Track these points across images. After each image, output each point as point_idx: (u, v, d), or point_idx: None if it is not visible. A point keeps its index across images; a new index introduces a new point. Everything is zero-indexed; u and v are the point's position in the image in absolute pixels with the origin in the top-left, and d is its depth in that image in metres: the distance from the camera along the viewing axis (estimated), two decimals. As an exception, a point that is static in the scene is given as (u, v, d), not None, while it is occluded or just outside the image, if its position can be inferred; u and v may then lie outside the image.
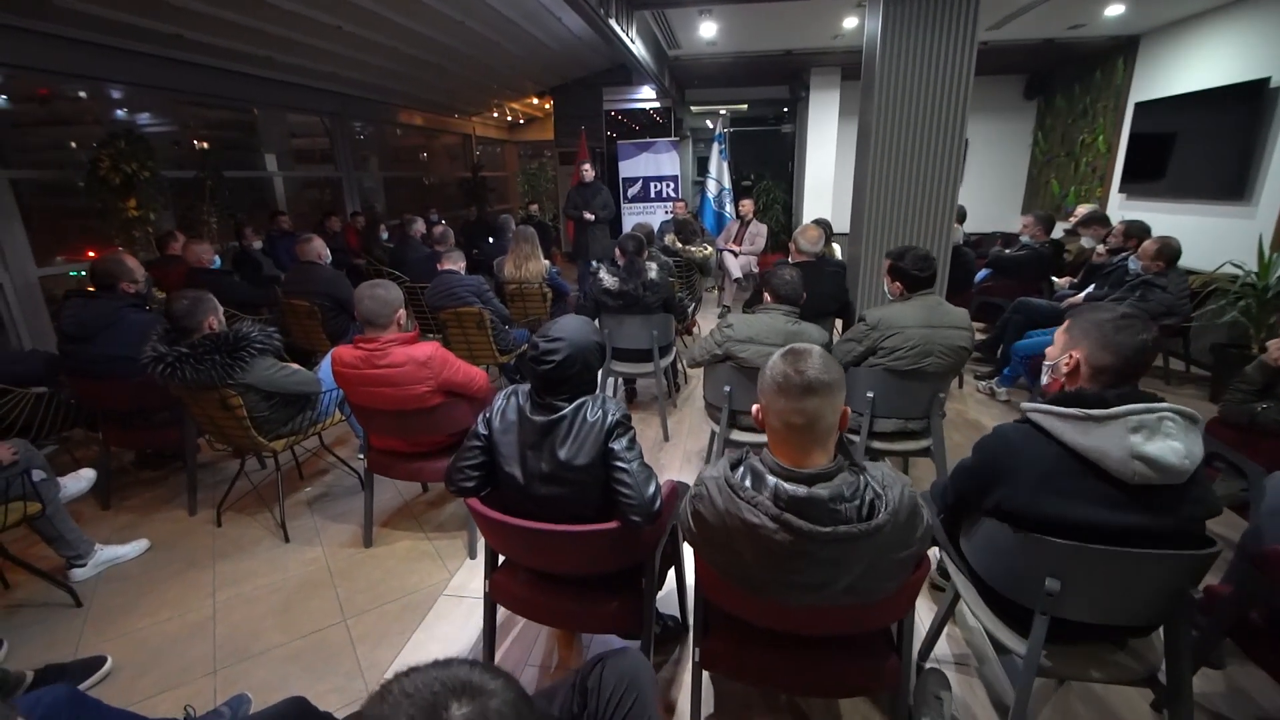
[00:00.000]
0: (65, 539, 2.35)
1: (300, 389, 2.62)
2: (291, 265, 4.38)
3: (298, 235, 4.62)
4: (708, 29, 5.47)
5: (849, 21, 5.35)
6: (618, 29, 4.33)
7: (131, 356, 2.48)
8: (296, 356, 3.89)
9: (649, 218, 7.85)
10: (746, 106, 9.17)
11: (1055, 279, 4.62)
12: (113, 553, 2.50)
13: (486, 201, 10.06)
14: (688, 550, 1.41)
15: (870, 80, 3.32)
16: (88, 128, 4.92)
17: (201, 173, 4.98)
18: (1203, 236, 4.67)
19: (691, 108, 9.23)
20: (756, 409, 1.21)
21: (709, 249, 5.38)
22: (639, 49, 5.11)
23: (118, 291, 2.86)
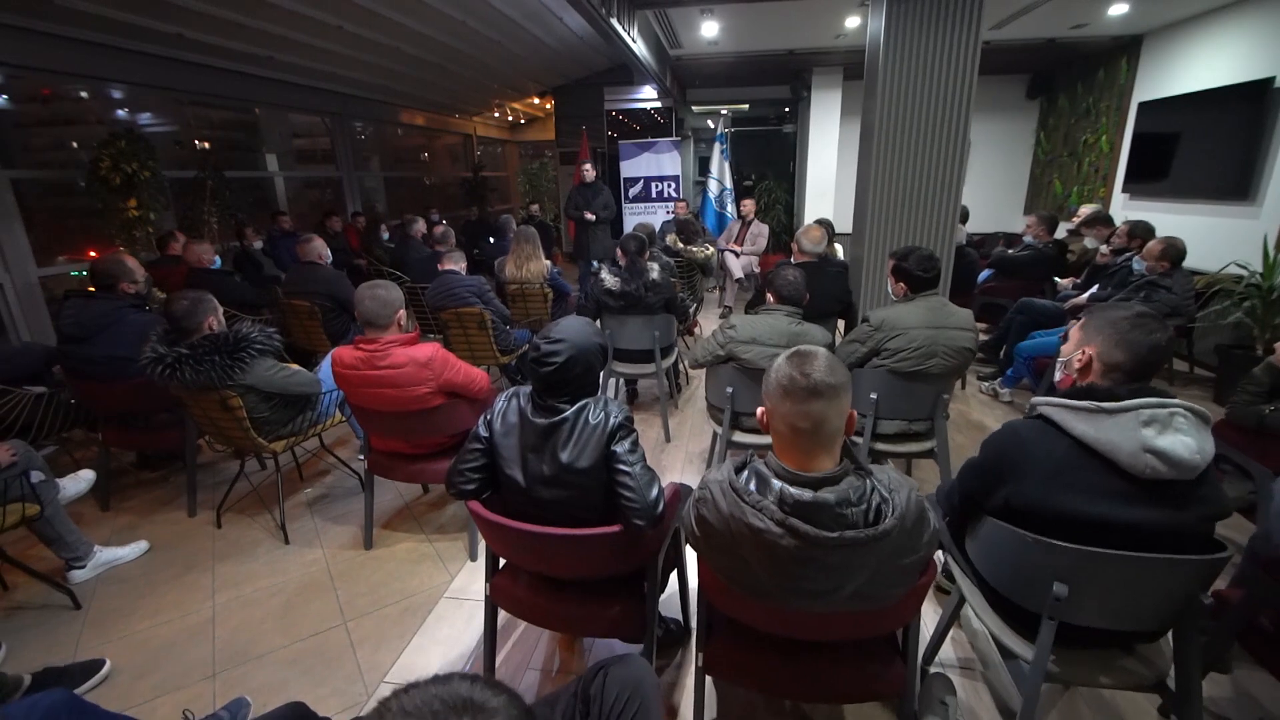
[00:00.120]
0: (64, 540, 2.34)
1: (300, 390, 2.60)
2: (292, 265, 4.37)
3: (298, 235, 4.62)
4: (709, 28, 5.46)
5: (851, 21, 5.33)
6: (619, 28, 4.31)
7: (131, 357, 2.47)
8: (297, 357, 3.88)
9: (650, 218, 7.84)
10: (748, 106, 9.16)
11: (1058, 279, 4.60)
12: (112, 554, 2.49)
13: (487, 201, 10.05)
14: (690, 552, 1.39)
15: (873, 80, 3.30)
16: (89, 127, 4.92)
17: (202, 173, 4.97)
18: (1206, 237, 4.65)
19: (693, 107, 9.21)
20: (761, 412, 1.19)
21: (710, 249, 5.36)
22: (640, 48, 5.10)
23: (117, 292, 2.85)
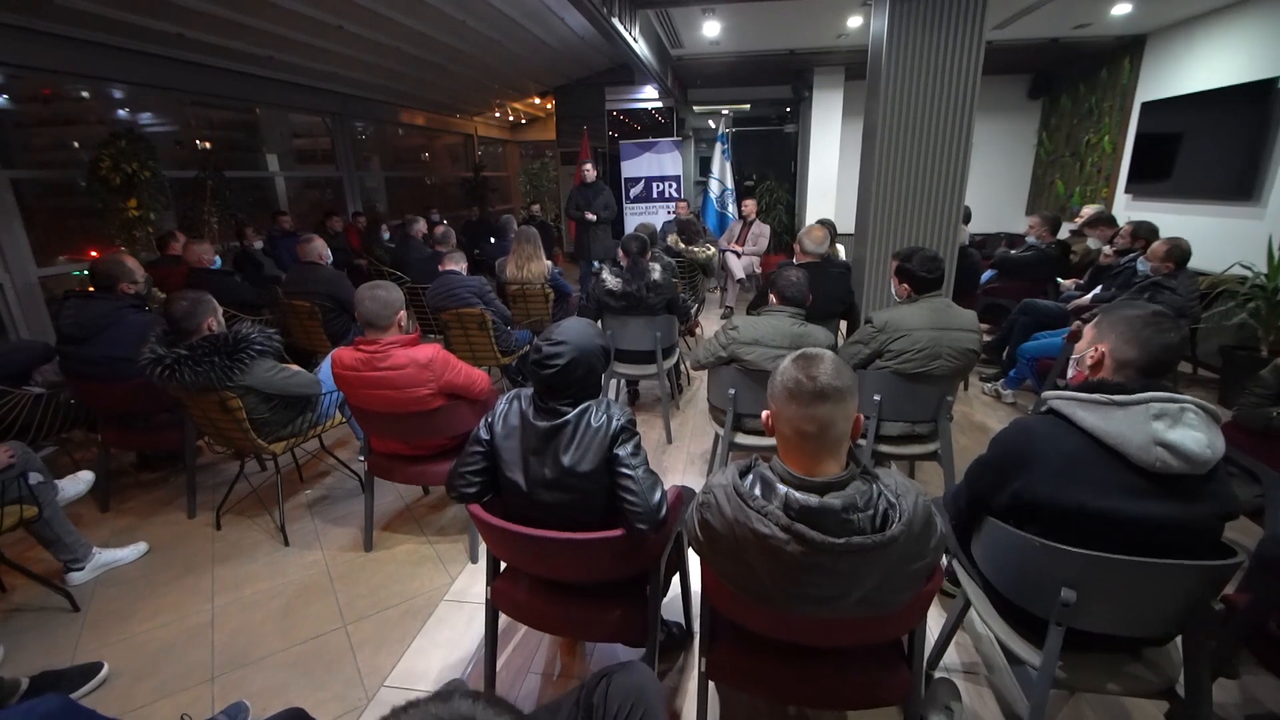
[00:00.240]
0: (63, 542, 2.33)
1: (300, 391, 2.59)
2: (293, 265, 4.36)
3: (299, 235, 4.60)
4: (711, 28, 5.44)
5: (853, 21, 5.31)
6: (620, 28, 4.30)
7: (131, 358, 2.46)
8: (297, 357, 3.86)
9: (651, 218, 7.82)
10: (749, 106, 9.14)
11: (1061, 280, 4.59)
12: (111, 556, 2.47)
13: (488, 202, 10.04)
14: (692, 554, 1.38)
15: (876, 79, 3.28)
16: (90, 127, 4.92)
17: (203, 173, 4.96)
18: (1210, 237, 4.63)
19: (694, 107, 9.19)
20: (766, 415, 1.18)
21: (712, 250, 5.35)
22: (642, 48, 5.08)
23: (117, 292, 2.83)
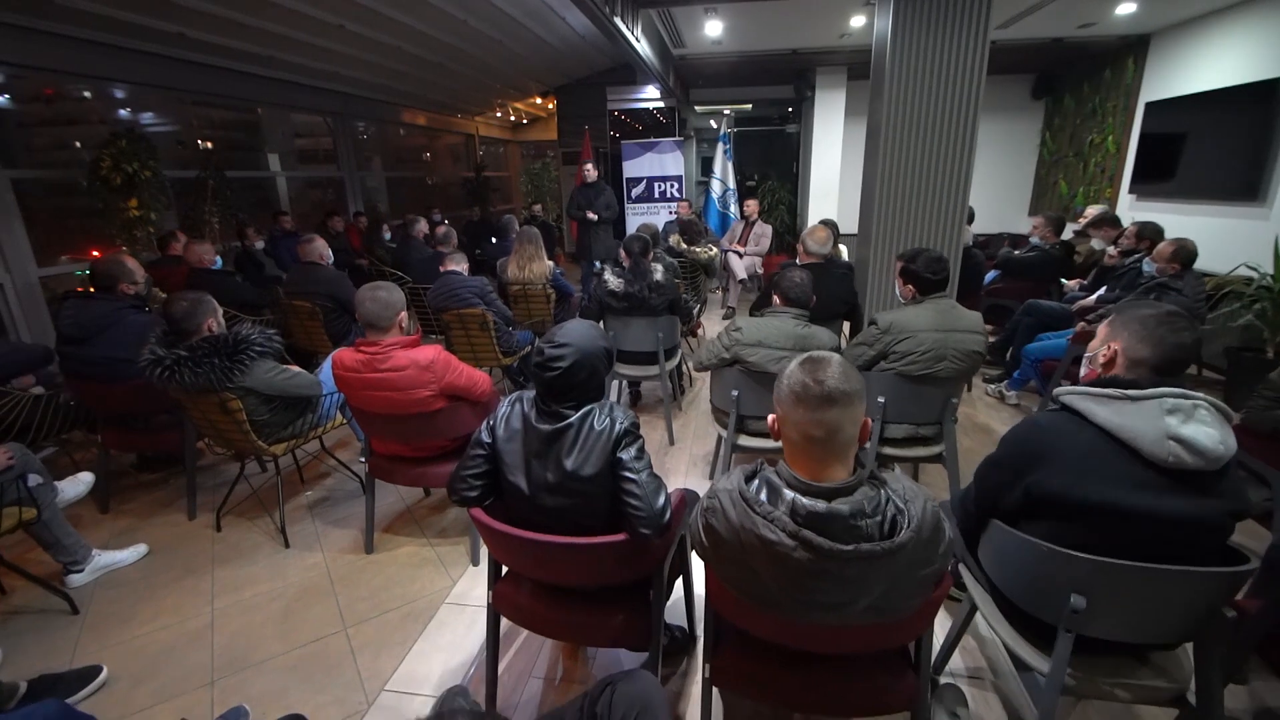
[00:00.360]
0: (62, 544, 2.31)
1: (301, 392, 2.58)
2: (293, 266, 4.35)
3: (300, 235, 4.59)
4: (713, 27, 5.42)
5: (856, 20, 5.29)
6: (623, 27, 4.28)
7: (130, 358, 2.44)
8: (298, 358, 3.85)
9: (653, 218, 7.80)
10: (751, 106, 9.12)
11: (1065, 281, 4.56)
12: (110, 558, 2.46)
13: (489, 202, 10.02)
14: (695, 557, 1.36)
15: (880, 79, 3.26)
16: (92, 127, 4.91)
17: (204, 172, 4.95)
18: (1215, 238, 4.60)
19: (696, 107, 9.17)
20: (772, 419, 1.16)
21: (714, 250, 5.33)
22: (644, 48, 5.06)
23: (117, 293, 2.82)
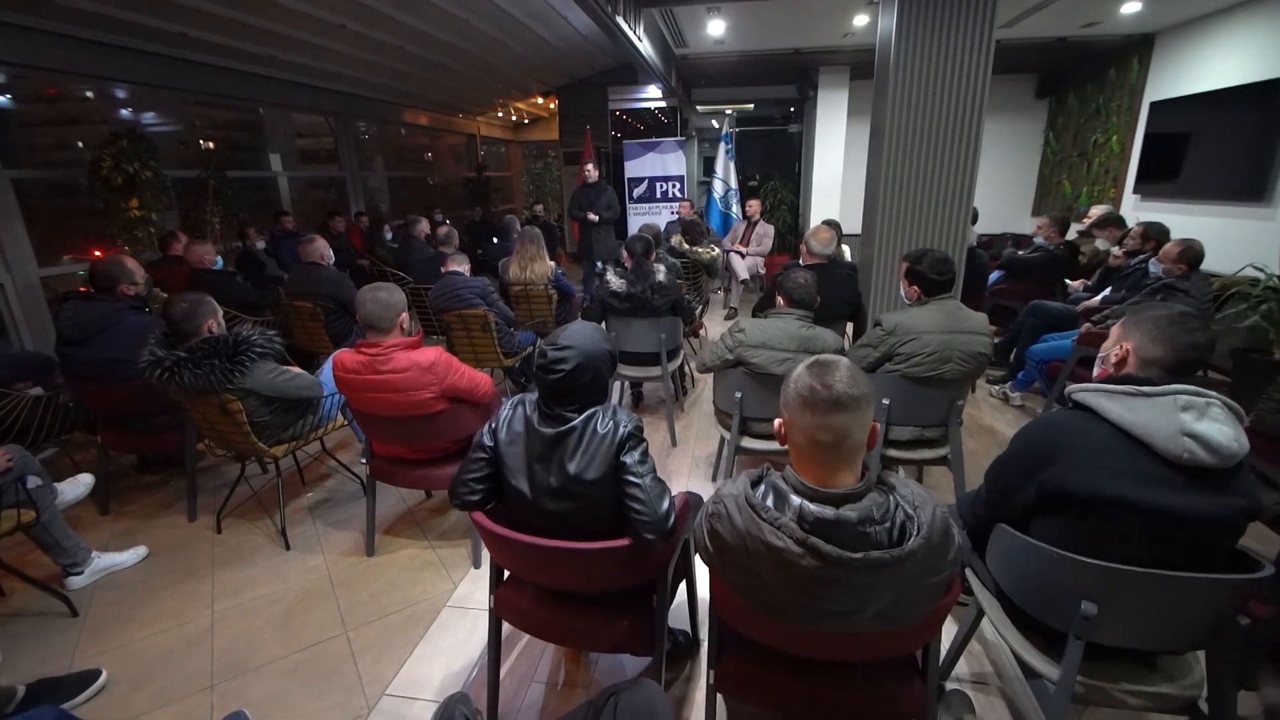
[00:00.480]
0: (61, 546, 2.30)
1: (302, 394, 2.56)
2: (294, 266, 4.34)
3: (301, 236, 4.58)
4: (716, 27, 5.40)
5: (859, 19, 5.27)
6: (625, 27, 4.26)
7: (130, 359, 2.43)
8: (299, 358, 3.84)
9: (654, 218, 7.78)
10: (753, 106, 9.09)
11: (1069, 281, 4.54)
12: (110, 560, 2.45)
13: (491, 202, 10.01)
14: (699, 561, 1.35)
15: (884, 79, 3.24)
16: (94, 127, 4.90)
17: (205, 172, 4.94)
18: (1220, 238, 4.57)
19: (698, 107, 9.15)
20: (779, 423, 1.14)
21: (716, 250, 5.30)
22: (646, 47, 5.04)
23: (117, 293, 2.81)
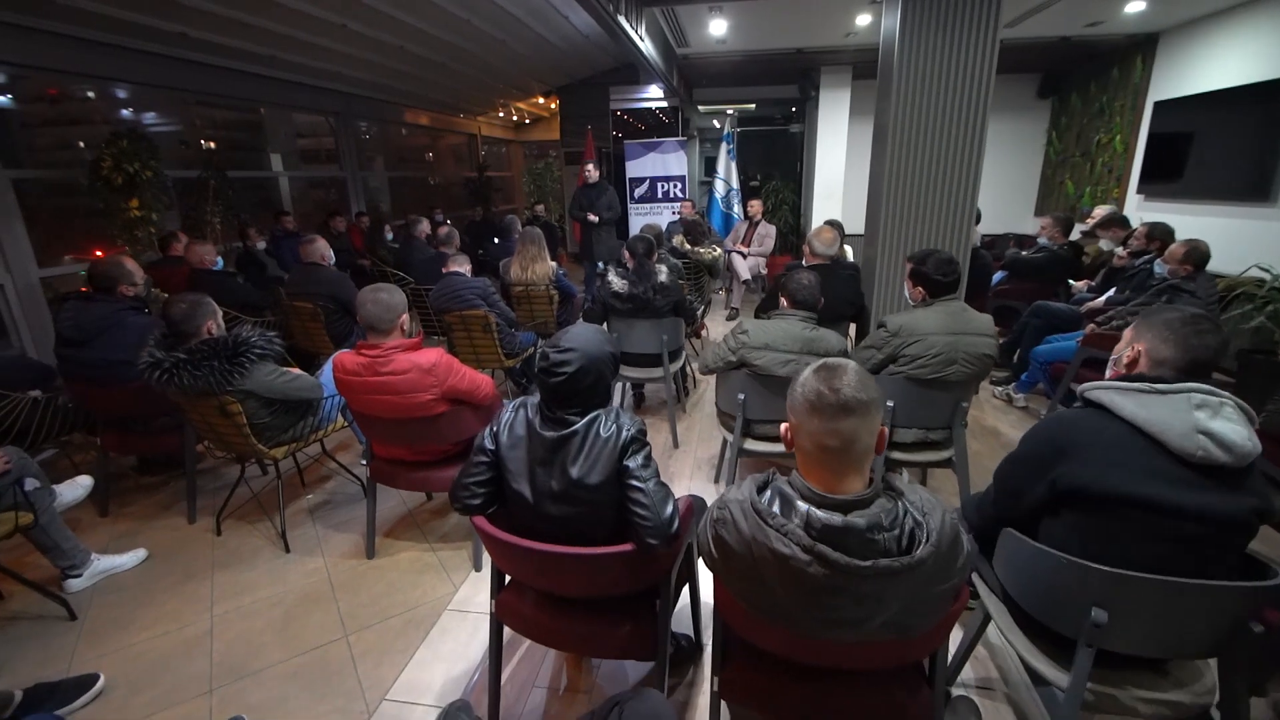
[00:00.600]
0: (60, 548, 2.29)
1: (302, 395, 2.54)
2: (295, 266, 4.32)
3: (302, 236, 4.56)
4: (718, 26, 5.38)
5: (862, 19, 5.25)
6: (626, 26, 4.25)
7: (130, 361, 2.41)
8: (300, 359, 3.82)
9: (656, 218, 7.76)
10: (754, 106, 9.07)
11: (1073, 282, 4.52)
12: (109, 563, 2.43)
13: (492, 202, 9.99)
14: (702, 564, 1.33)
15: (887, 79, 3.22)
16: (95, 127, 4.89)
17: (205, 172, 4.92)
18: (1224, 239, 4.55)
19: (699, 107, 9.13)
20: (785, 428, 1.12)
21: (718, 250, 5.29)
22: (647, 47, 5.02)
23: (116, 294, 2.79)
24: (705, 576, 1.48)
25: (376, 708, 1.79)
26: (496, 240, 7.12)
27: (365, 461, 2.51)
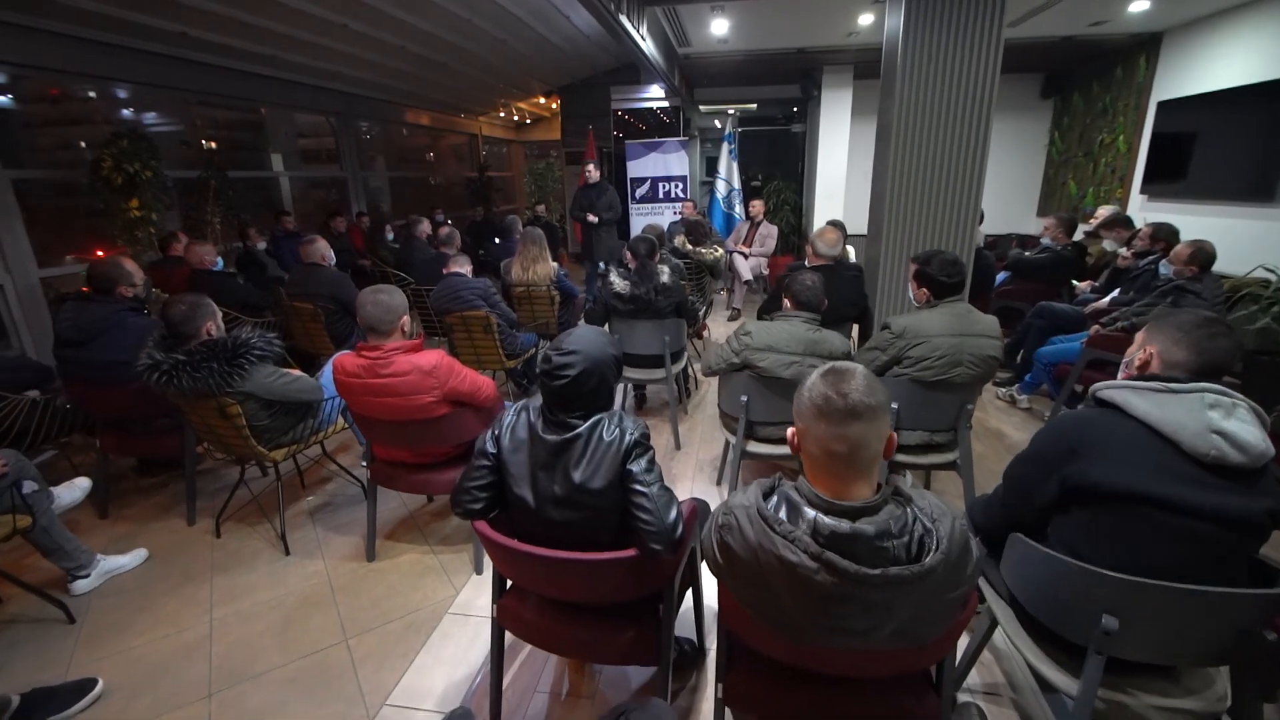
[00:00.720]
0: (64, 550, 2.27)
1: (302, 397, 2.53)
2: (295, 267, 4.31)
3: (303, 236, 4.55)
4: (719, 26, 5.36)
5: (864, 18, 5.23)
6: (628, 26, 4.23)
7: (129, 362, 2.39)
8: (300, 360, 3.81)
9: (657, 218, 7.75)
10: (756, 106, 9.05)
11: (1077, 283, 4.49)
12: (114, 563, 2.43)
13: (493, 202, 9.98)
14: (704, 568, 1.32)
15: (891, 78, 3.21)
16: (97, 127, 4.87)
17: (206, 172, 4.91)
18: (1228, 239, 4.50)
19: (700, 107, 9.11)
20: (792, 432, 1.10)
21: (720, 251, 5.27)
22: (649, 47, 5.01)
23: (115, 295, 2.78)
24: (709, 580, 1.46)
25: (377, 713, 1.78)
26: (497, 240, 7.10)
27: (366, 463, 2.49)
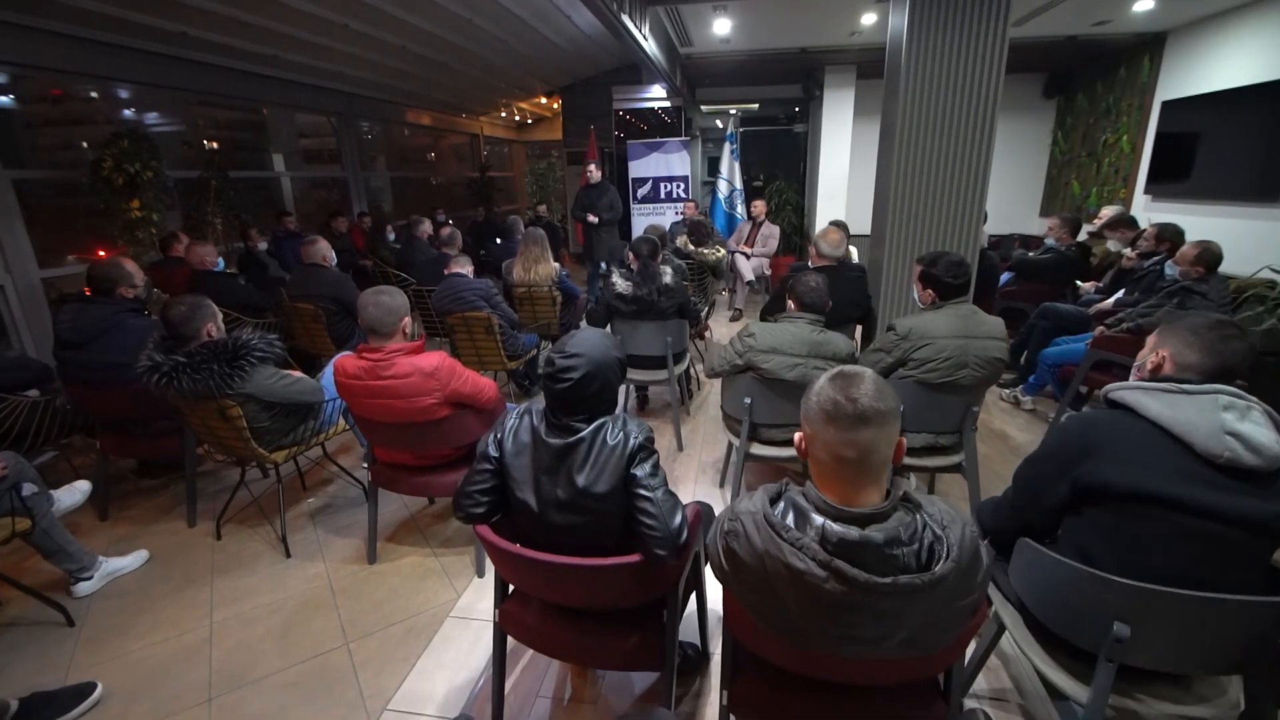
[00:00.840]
0: (66, 552, 2.26)
1: (302, 399, 2.51)
2: (296, 267, 4.30)
3: (303, 236, 4.54)
4: (722, 25, 5.35)
5: (867, 18, 5.21)
6: (630, 26, 4.21)
7: (129, 363, 2.38)
8: (301, 360, 3.80)
9: (659, 218, 7.73)
10: (758, 106, 9.03)
11: (1081, 283, 4.47)
12: (116, 565, 2.42)
13: (494, 202, 9.96)
14: (708, 571, 1.30)
15: (895, 78, 3.19)
16: (98, 127, 4.87)
17: (207, 172, 4.90)
18: (1232, 239, 4.47)
19: (702, 107, 9.10)
20: (799, 437, 1.09)
21: (722, 251, 5.25)
22: (651, 47, 4.99)
23: (116, 296, 2.76)
24: (713, 585, 1.45)
25: (378, 718, 1.76)
26: (499, 241, 7.08)
27: (367, 465, 2.48)
